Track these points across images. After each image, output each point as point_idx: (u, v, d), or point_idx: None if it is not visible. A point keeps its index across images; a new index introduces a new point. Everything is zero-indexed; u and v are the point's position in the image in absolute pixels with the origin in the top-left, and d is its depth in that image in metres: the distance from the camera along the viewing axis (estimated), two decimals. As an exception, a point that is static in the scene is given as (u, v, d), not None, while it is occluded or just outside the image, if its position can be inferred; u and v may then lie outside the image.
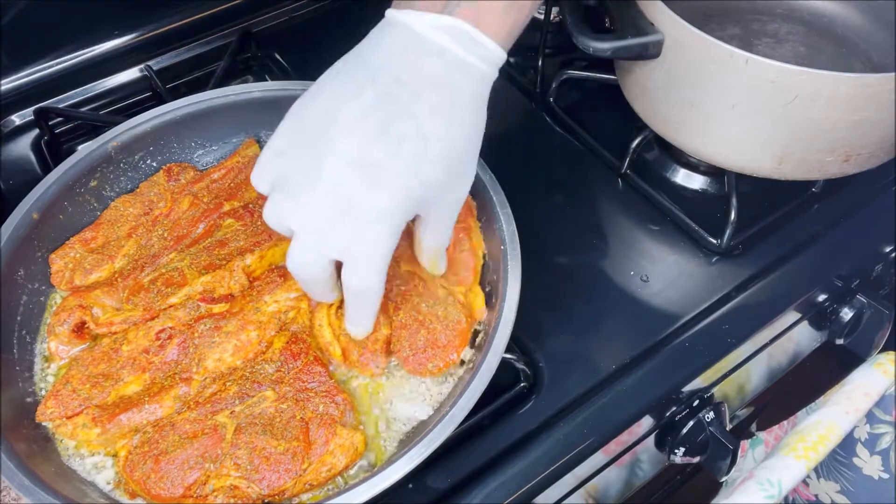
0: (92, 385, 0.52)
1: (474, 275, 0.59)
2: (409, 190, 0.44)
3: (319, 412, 0.51)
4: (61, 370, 0.56)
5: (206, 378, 0.53)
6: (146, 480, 0.48)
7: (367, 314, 0.50)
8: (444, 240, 0.52)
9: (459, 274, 0.58)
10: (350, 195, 0.44)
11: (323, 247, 0.46)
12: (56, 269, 0.59)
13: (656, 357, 0.60)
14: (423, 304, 0.56)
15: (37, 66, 0.80)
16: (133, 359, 0.54)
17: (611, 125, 0.77)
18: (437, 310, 0.56)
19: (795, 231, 0.69)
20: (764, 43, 0.76)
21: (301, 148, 0.46)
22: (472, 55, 0.45)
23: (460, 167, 0.47)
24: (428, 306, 0.56)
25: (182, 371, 0.53)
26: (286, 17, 0.91)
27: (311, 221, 0.45)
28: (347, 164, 0.44)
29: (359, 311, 0.50)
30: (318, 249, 0.46)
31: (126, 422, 0.51)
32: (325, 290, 0.50)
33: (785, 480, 0.59)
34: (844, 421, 0.63)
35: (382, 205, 0.44)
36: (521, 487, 0.53)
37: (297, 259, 0.46)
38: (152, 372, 0.53)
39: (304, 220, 0.45)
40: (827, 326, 0.74)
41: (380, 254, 0.45)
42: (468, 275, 0.58)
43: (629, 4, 0.63)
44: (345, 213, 0.44)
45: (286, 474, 0.48)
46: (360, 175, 0.44)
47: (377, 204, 0.44)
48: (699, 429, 0.63)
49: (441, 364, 0.54)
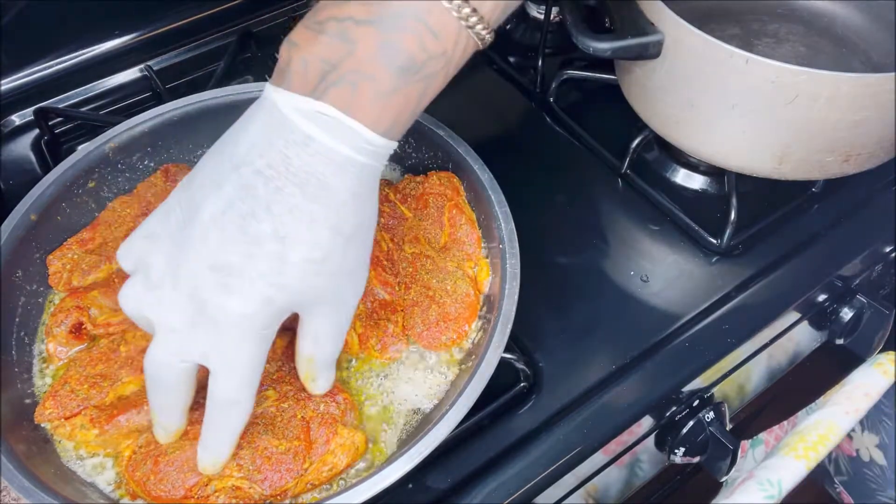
0: (90, 385, 0.52)
1: (479, 245, 0.60)
2: (269, 297, 0.40)
3: (320, 411, 0.51)
4: (59, 371, 0.56)
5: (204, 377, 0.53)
6: (146, 481, 0.48)
7: (227, 435, 0.45)
8: (324, 352, 0.47)
9: (465, 250, 0.60)
10: (207, 299, 0.40)
11: (184, 350, 0.42)
12: (54, 271, 0.59)
13: (656, 357, 0.60)
14: (434, 280, 0.57)
15: (37, 66, 0.80)
16: (131, 359, 0.53)
17: (611, 125, 0.77)
18: (447, 284, 0.57)
19: (795, 231, 0.69)
20: (764, 43, 0.76)
21: (168, 237, 0.42)
22: (346, 146, 0.40)
23: (339, 273, 0.43)
24: (438, 281, 0.57)
25: None
26: (286, 17, 0.91)
27: (170, 320, 0.41)
28: (205, 265, 0.40)
29: (218, 429, 0.45)
30: (180, 351, 0.42)
31: (125, 423, 0.51)
32: (174, 405, 0.46)
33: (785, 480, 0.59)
34: (844, 421, 0.63)
35: (238, 311, 0.40)
36: (521, 487, 0.53)
37: (157, 358, 0.42)
38: None
39: (164, 317, 0.41)
40: (827, 326, 0.74)
41: (243, 363, 0.42)
42: (474, 249, 0.60)
43: (629, 4, 0.63)
44: (203, 317, 0.40)
45: (288, 474, 0.48)
46: (216, 278, 0.40)
47: (233, 310, 0.40)
48: (699, 429, 0.63)
49: (454, 336, 0.55)
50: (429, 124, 0.64)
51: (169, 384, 0.44)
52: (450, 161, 0.64)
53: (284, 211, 0.40)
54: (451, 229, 0.61)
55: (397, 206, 0.63)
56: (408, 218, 0.63)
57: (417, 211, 0.62)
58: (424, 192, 0.63)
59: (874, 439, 0.78)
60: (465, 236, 0.60)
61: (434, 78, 0.42)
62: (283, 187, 0.39)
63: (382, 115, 0.40)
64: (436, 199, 0.62)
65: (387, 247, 0.61)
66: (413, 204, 0.63)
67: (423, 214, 0.62)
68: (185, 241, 0.41)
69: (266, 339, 0.42)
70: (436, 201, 0.62)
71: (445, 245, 0.60)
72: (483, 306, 0.58)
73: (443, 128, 0.64)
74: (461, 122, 0.65)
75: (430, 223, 0.61)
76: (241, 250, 0.40)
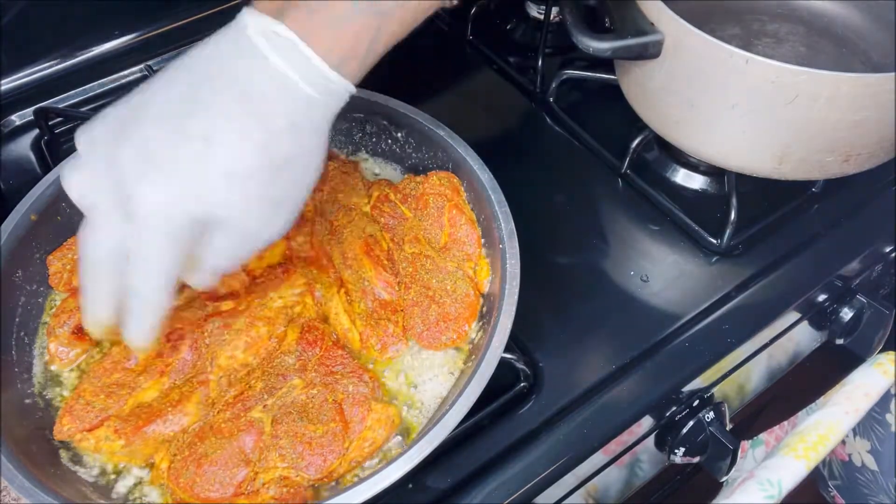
0: (106, 395, 0.52)
1: (478, 245, 0.60)
2: (184, 195, 0.41)
3: (350, 392, 0.52)
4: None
5: (220, 377, 0.53)
6: (193, 486, 0.48)
7: (140, 322, 0.45)
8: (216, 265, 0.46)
9: (465, 250, 0.60)
10: (129, 186, 0.41)
11: (109, 234, 0.43)
12: (54, 271, 0.59)
13: (656, 357, 0.60)
14: (434, 280, 0.58)
15: (37, 66, 0.80)
16: (149, 363, 0.53)
17: (611, 125, 0.77)
18: (447, 284, 0.57)
19: (795, 231, 0.69)
20: (764, 43, 0.76)
21: (115, 124, 0.43)
22: (294, 71, 0.41)
23: (260, 200, 0.43)
24: (438, 281, 0.58)
25: (198, 372, 0.53)
26: (286, 17, 0.91)
27: (98, 201, 0.43)
28: (135, 154, 0.41)
29: (132, 316, 0.45)
30: (107, 235, 0.43)
31: (151, 434, 0.51)
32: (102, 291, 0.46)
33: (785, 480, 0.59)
34: (844, 421, 0.63)
35: (152, 201, 0.41)
36: (521, 487, 0.53)
37: (87, 238, 0.44)
38: (171, 375, 0.53)
39: (94, 199, 0.43)
40: (827, 326, 0.74)
41: (153, 256, 0.42)
42: (474, 249, 0.60)
43: (629, 4, 0.63)
44: (125, 204, 0.41)
45: (331, 455, 0.49)
46: (141, 168, 0.41)
47: (149, 200, 0.41)
48: (699, 429, 0.63)
49: (454, 336, 0.56)
50: (429, 124, 0.64)
51: (98, 267, 0.44)
52: (450, 161, 0.64)
53: (218, 115, 0.41)
54: (451, 229, 0.61)
55: (397, 205, 0.63)
56: (408, 218, 0.63)
57: (417, 211, 0.63)
58: (424, 192, 0.63)
59: (866, 444, 0.79)
60: (465, 236, 0.60)
61: (388, 17, 0.43)
62: (225, 95, 0.41)
63: (335, 45, 0.41)
64: (436, 200, 0.62)
65: (387, 246, 0.61)
66: (413, 204, 0.63)
67: (423, 214, 0.62)
68: (126, 130, 0.42)
69: (179, 242, 0.42)
70: (436, 201, 0.62)
71: (445, 245, 0.61)
72: (483, 306, 0.58)
73: (443, 128, 0.64)
74: (461, 122, 0.65)
75: (431, 223, 0.61)
76: (169, 144, 0.41)
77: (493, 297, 0.56)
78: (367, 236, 0.61)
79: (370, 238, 0.61)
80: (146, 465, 0.52)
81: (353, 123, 0.68)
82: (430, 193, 0.62)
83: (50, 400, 0.55)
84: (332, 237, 0.61)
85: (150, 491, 0.51)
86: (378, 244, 0.61)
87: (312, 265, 0.60)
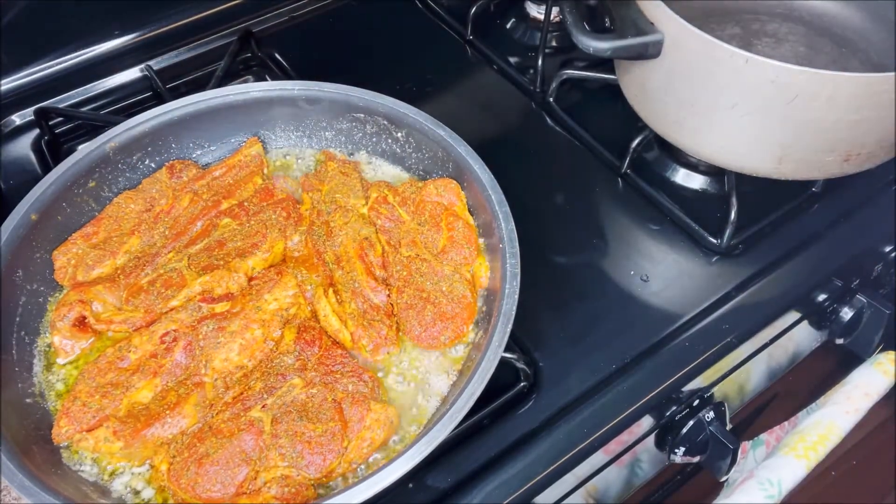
0: (102, 395, 0.52)
1: (476, 248, 0.60)
2: None
3: (350, 391, 0.52)
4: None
5: (216, 378, 0.53)
6: (194, 486, 0.48)
7: None
8: None
9: (462, 253, 0.60)
10: None
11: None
12: (59, 266, 0.59)
13: (656, 357, 0.60)
14: (428, 283, 0.58)
15: (37, 66, 0.80)
16: (142, 364, 0.54)
17: (611, 125, 0.77)
18: (442, 286, 0.57)
19: (795, 231, 0.69)
20: (764, 43, 0.76)
21: None
22: None
23: None
24: (433, 283, 0.58)
25: (192, 374, 0.53)
26: (286, 17, 0.91)
27: None
28: None
29: None
30: None
31: (150, 437, 0.51)
32: None
33: (785, 480, 0.59)
34: (844, 421, 0.63)
35: None
36: (521, 487, 0.53)
37: None
38: (163, 376, 0.53)
39: None
40: (827, 326, 0.74)
41: None
42: (471, 252, 0.60)
43: (629, 4, 0.63)
44: None
45: (330, 454, 0.49)
46: None
47: None
48: (699, 428, 0.63)
49: (452, 335, 0.56)
50: (429, 124, 0.64)
51: None
52: (450, 161, 0.64)
53: None
54: (450, 233, 0.61)
55: (395, 208, 0.63)
56: (405, 221, 0.63)
57: (416, 215, 0.63)
58: (424, 197, 0.63)
59: None
60: (463, 241, 0.60)
61: None
62: None
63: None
64: (434, 206, 0.62)
65: (381, 249, 0.61)
66: (412, 208, 0.63)
67: (421, 219, 0.62)
68: None
69: None
70: (434, 206, 0.62)
71: (444, 249, 0.60)
72: (483, 306, 0.58)
73: (443, 128, 0.64)
74: (461, 122, 0.65)
75: (429, 228, 0.61)
76: None
77: (493, 297, 0.56)
78: (363, 239, 0.61)
79: (365, 241, 0.61)
80: (147, 466, 0.52)
81: (354, 123, 0.68)
82: (430, 198, 0.62)
83: (50, 400, 0.55)
84: (327, 238, 0.61)
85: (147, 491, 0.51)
86: (372, 247, 0.61)
87: (303, 264, 0.61)
